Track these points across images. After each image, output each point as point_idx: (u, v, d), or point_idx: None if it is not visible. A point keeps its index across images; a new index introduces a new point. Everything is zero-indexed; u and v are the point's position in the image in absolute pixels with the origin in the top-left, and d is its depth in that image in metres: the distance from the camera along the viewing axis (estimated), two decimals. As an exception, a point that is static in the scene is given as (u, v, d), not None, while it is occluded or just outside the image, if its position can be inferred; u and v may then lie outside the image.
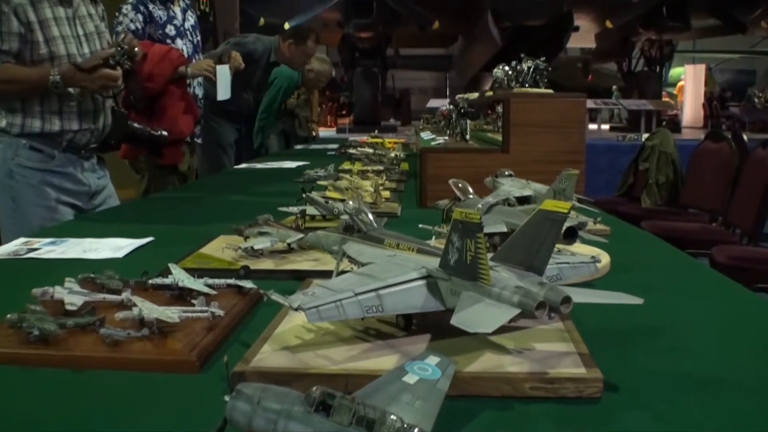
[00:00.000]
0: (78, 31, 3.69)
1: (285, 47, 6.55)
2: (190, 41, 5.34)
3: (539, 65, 3.82)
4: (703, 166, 6.92)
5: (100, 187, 3.94)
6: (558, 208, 1.30)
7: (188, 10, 5.44)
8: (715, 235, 5.95)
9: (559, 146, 3.33)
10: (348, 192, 3.23)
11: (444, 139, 4.49)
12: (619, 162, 9.98)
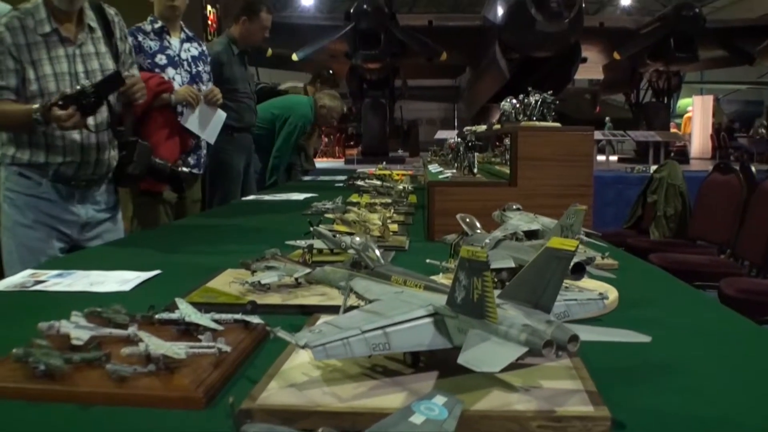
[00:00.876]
0: (77, 68, 3.74)
1: (240, 26, 6.55)
2: (187, 71, 5.28)
3: (547, 98, 3.83)
4: (711, 198, 6.91)
5: (95, 219, 3.95)
6: (565, 245, 1.30)
7: (193, 41, 5.43)
8: (723, 268, 5.92)
9: (567, 180, 3.33)
10: (356, 225, 3.23)
11: (452, 172, 4.50)
12: (627, 194, 9.99)
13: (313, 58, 20.26)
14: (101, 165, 3.89)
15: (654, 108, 22.73)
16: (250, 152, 6.69)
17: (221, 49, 6.33)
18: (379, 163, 8.97)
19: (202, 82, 5.39)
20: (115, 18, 4.04)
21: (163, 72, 5.12)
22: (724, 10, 37.12)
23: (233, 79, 6.37)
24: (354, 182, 6.06)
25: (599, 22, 22.56)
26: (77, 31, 3.77)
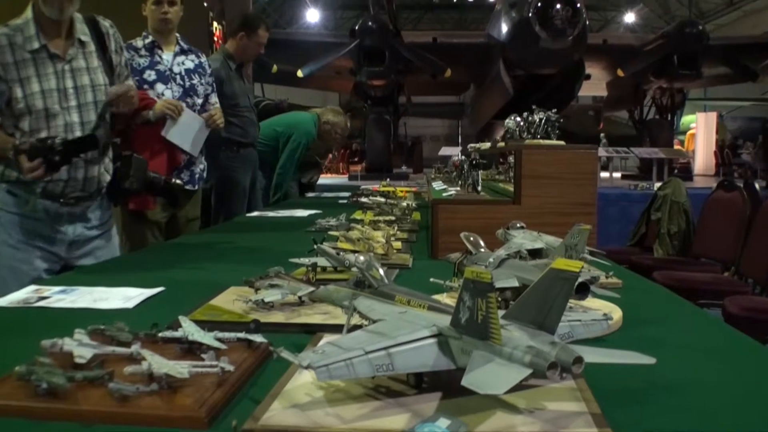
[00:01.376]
0: (66, 84, 3.67)
1: (237, 42, 6.52)
2: (180, 85, 5.17)
3: (551, 117, 3.84)
4: (715, 216, 6.90)
5: (84, 236, 3.85)
6: (569, 267, 1.30)
7: (189, 53, 5.34)
8: (727, 286, 5.91)
9: (571, 198, 3.32)
10: (359, 243, 3.23)
11: (456, 189, 4.49)
12: (631, 211, 10.00)
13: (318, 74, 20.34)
14: (90, 182, 3.80)
15: (657, 125, 22.78)
16: (255, 168, 6.68)
17: (219, 66, 6.31)
18: (383, 179, 8.98)
19: (196, 95, 5.27)
20: (110, 30, 3.97)
21: (152, 88, 5.05)
22: (728, 27, 37.24)
23: (234, 95, 6.37)
24: (358, 199, 6.06)
25: (603, 39, 22.62)
26: (67, 46, 3.70)
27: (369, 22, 18.89)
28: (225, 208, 6.31)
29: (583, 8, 17.79)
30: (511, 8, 19.51)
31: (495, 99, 21.25)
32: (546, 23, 17.19)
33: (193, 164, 5.28)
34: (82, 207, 3.83)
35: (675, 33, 20.07)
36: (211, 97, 5.45)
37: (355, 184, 13.40)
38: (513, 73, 19.93)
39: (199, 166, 5.34)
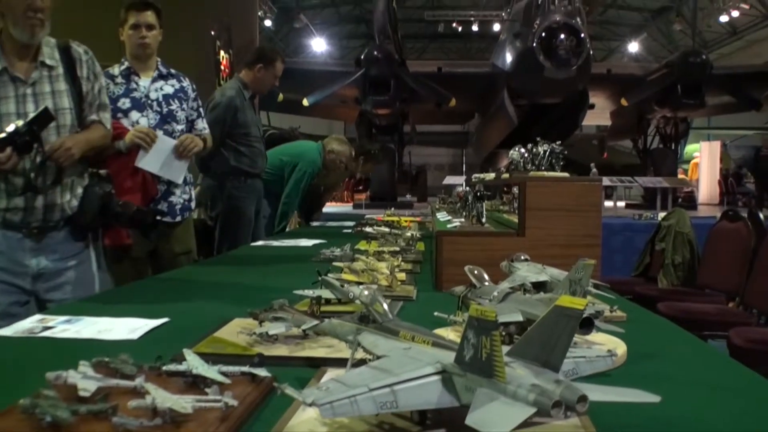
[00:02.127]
0: (27, 109, 3.57)
1: (254, 73, 6.54)
2: (157, 112, 4.99)
3: (555, 149, 3.85)
4: (719, 246, 6.90)
5: (50, 269, 3.71)
6: (574, 304, 1.30)
7: (170, 78, 5.17)
8: (732, 317, 5.90)
9: (576, 230, 3.33)
10: (364, 275, 3.23)
11: (460, 221, 4.50)
12: (635, 241, 10.00)
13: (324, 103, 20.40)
14: (51, 210, 3.68)
15: (661, 154, 22.81)
16: (260, 198, 6.69)
17: (235, 94, 6.34)
18: (388, 208, 8.99)
19: (175, 121, 5.07)
20: (83, 56, 3.85)
21: (126, 116, 4.89)
22: (731, 56, 37.35)
23: (246, 124, 6.39)
24: (362, 229, 6.06)
25: (607, 68, 22.69)
26: (30, 69, 3.64)
27: (374, 51, 18.96)
28: (229, 237, 6.31)
29: (587, 38, 17.87)
30: (515, 38, 19.61)
31: (499, 128, 21.31)
32: (550, 53, 17.25)
33: (172, 194, 5.10)
34: (47, 238, 3.71)
35: (678, 62, 20.13)
36: (197, 122, 5.29)
37: (360, 213, 13.42)
38: (517, 102, 20.00)
39: (181, 196, 5.16)
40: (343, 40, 46.50)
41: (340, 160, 8.08)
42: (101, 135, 3.95)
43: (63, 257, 3.78)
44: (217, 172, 6.28)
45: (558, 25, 17.38)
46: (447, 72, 21.77)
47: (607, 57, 45.66)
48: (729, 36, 39.02)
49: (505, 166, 5.36)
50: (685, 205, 19.78)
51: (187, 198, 5.24)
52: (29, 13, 3.51)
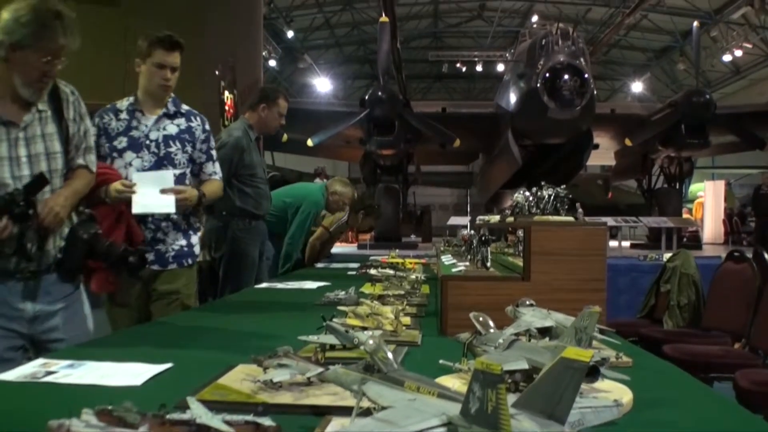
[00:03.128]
0: (19, 153, 3.53)
1: (258, 113, 6.52)
2: (153, 153, 4.73)
3: (560, 193, 3.85)
4: (725, 288, 6.88)
5: (45, 311, 3.65)
6: (580, 356, 1.30)
7: (177, 117, 4.88)
8: (738, 359, 5.87)
9: (581, 274, 3.32)
10: (369, 319, 3.22)
11: (465, 265, 4.49)
12: (640, 281, 9.98)
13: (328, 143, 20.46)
14: (46, 255, 3.63)
15: (666, 194, 22.80)
16: (264, 240, 6.69)
17: (241, 135, 6.34)
18: (392, 248, 8.99)
19: (172, 164, 4.76)
20: (69, 97, 3.77)
21: (121, 156, 4.69)
22: (735, 96, 37.50)
23: (252, 165, 6.38)
24: (367, 271, 6.05)
25: (611, 108, 22.76)
26: (22, 113, 3.58)
27: (379, 92, 19.00)
28: (233, 280, 6.28)
29: (591, 78, 17.93)
30: (519, 78, 19.68)
31: (504, 169, 21.33)
32: (554, 94, 17.31)
33: (161, 242, 4.78)
34: (40, 281, 3.65)
35: (682, 102, 20.15)
36: (206, 165, 5.00)
37: (365, 253, 13.41)
38: (522, 142, 20.03)
39: (175, 242, 4.85)
40: (348, 80, 46.76)
41: (343, 202, 8.12)
42: (87, 182, 3.88)
43: (56, 299, 3.73)
44: (222, 213, 6.27)
45: (562, 66, 17.44)
46: (451, 112, 21.83)
47: (611, 97, 45.86)
48: (732, 75, 39.18)
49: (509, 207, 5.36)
50: (690, 244, 19.76)
51: (184, 245, 4.89)
52: (44, 79, 3.54)
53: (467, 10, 40.62)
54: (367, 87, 25.90)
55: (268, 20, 30.75)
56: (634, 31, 38.49)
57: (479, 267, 4.10)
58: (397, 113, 18.85)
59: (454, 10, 40.72)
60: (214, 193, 5.05)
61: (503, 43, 39.01)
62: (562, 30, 18.76)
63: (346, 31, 41.49)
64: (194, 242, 4.99)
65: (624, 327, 6.76)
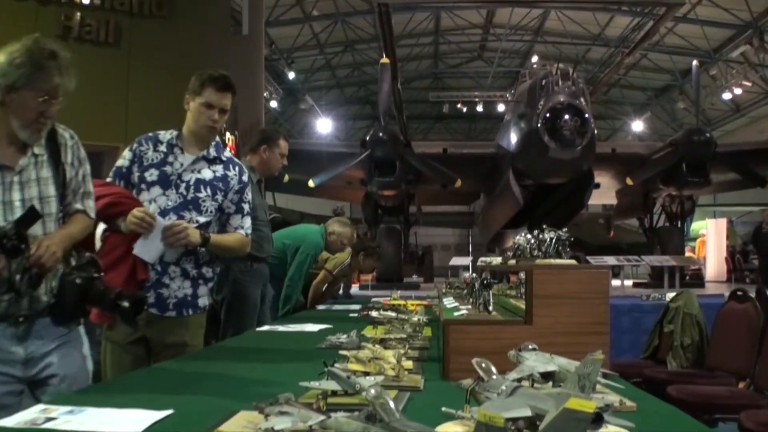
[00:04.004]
0: (13, 197, 3.47)
1: (259, 156, 6.50)
2: (181, 195, 4.55)
3: (561, 236, 3.85)
4: (728, 327, 6.88)
5: (39, 353, 3.54)
6: (583, 407, 1.29)
7: (215, 163, 4.71)
8: (743, 399, 5.85)
9: (583, 318, 3.32)
10: (370, 364, 3.21)
11: (467, 308, 4.48)
12: (643, 322, 9.98)
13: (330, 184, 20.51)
14: (38, 300, 3.54)
15: (668, 232, 22.80)
16: (266, 283, 6.68)
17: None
18: (394, 289, 9.00)
19: (197, 210, 4.57)
20: (68, 142, 3.70)
21: (148, 190, 4.52)
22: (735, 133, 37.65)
23: (253, 208, 6.40)
24: (368, 313, 6.04)
25: (611, 148, 22.81)
26: (18, 157, 3.53)
27: (380, 132, 19.04)
28: (234, 322, 6.27)
29: (592, 118, 17.97)
30: (520, 119, 19.75)
31: (505, 209, 21.36)
32: (555, 134, 17.33)
33: (165, 286, 4.54)
34: (34, 324, 3.56)
35: (683, 141, 20.18)
36: (233, 218, 4.78)
37: (367, 294, 13.41)
38: (523, 182, 20.07)
39: (180, 290, 4.60)
40: (349, 120, 46.98)
41: (342, 242, 8.14)
42: (84, 227, 3.78)
43: (50, 341, 3.62)
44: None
45: (562, 106, 17.48)
46: (452, 153, 21.89)
47: (611, 136, 46.02)
48: (732, 113, 39.33)
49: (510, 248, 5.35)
50: (693, 282, 19.75)
51: (189, 294, 4.63)
52: (41, 119, 3.50)
53: (467, 51, 40.92)
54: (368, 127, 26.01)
55: (270, 61, 30.97)
56: (634, 71, 38.72)
57: (481, 311, 4.08)
58: (398, 154, 18.91)
59: (454, 51, 41.01)
60: (231, 246, 4.81)
61: (504, 84, 39.31)
62: (562, 70, 18.83)
63: (347, 72, 41.75)
64: (201, 293, 4.71)
65: (627, 368, 6.75)
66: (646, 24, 29.36)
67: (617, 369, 3.35)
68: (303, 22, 32.50)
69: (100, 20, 10.15)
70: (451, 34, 38.35)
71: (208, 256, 4.67)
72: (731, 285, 20.21)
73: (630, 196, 23.46)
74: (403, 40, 34.15)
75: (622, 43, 33.31)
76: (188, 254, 4.57)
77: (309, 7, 31.23)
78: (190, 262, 4.60)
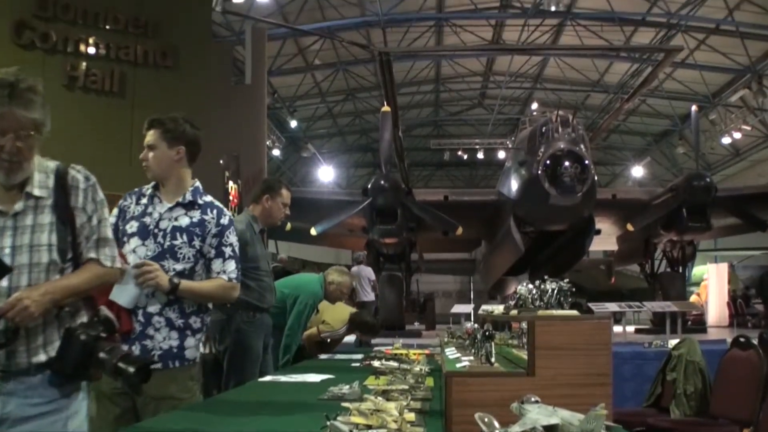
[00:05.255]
0: (3, 243, 3.26)
1: (261, 205, 6.58)
2: (158, 244, 4.44)
3: (563, 287, 3.86)
4: (731, 375, 6.86)
5: (18, 415, 3.24)
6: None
7: (193, 208, 4.59)
8: (747, 448, 5.84)
9: (586, 369, 3.32)
10: (373, 417, 3.20)
11: (469, 359, 4.48)
12: (645, 369, 9.93)
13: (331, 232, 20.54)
14: (14, 356, 3.27)
15: (669, 278, 22.76)
16: (268, 333, 6.69)
17: (244, 228, 6.36)
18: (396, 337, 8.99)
19: (174, 258, 4.45)
20: (80, 184, 3.47)
21: (128, 242, 4.47)
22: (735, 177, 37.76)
23: (255, 258, 6.40)
24: (371, 363, 6.03)
25: (612, 194, 22.87)
26: (14, 201, 3.32)
27: (381, 180, 19.10)
28: (237, 373, 6.27)
29: (592, 165, 18.03)
30: (520, 166, 19.82)
31: (506, 256, 21.36)
32: (555, 180, 17.37)
33: (149, 338, 4.36)
34: (15, 382, 3.27)
35: (683, 186, 20.23)
36: (215, 262, 4.61)
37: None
38: (524, 229, 20.10)
39: (165, 341, 4.42)
40: (350, 168, 47.14)
41: (342, 291, 8.17)
42: (93, 277, 3.48)
43: (34, 406, 3.29)
44: (225, 306, 6.28)
45: (562, 153, 17.54)
46: (454, 200, 21.94)
47: (611, 182, 46.10)
48: (732, 157, 39.40)
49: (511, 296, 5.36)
50: (695, 328, 19.69)
51: (175, 345, 4.44)
52: (4, 156, 3.22)
53: (468, 99, 41.15)
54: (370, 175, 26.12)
55: (272, 110, 31.20)
56: (634, 116, 38.93)
57: (483, 362, 4.08)
58: (400, 202, 18.97)
59: (455, 98, 41.24)
60: (210, 293, 4.63)
61: (504, 131, 39.51)
62: (561, 117, 18.93)
63: (349, 120, 41.95)
64: (189, 344, 4.50)
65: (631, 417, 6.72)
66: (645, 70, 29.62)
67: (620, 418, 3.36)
68: (305, 71, 32.73)
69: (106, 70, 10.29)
70: (451, 81, 38.62)
71: (195, 306, 4.52)
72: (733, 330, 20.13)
73: (631, 241, 23.47)
74: (404, 88, 34.40)
75: (621, 89, 33.55)
76: (172, 303, 4.42)
77: (311, 57, 31.44)
78: (174, 311, 4.43)
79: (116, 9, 9.57)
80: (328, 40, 28.97)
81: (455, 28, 30.00)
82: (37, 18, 9.03)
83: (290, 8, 26.23)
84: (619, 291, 27.16)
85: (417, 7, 28.09)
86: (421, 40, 30.68)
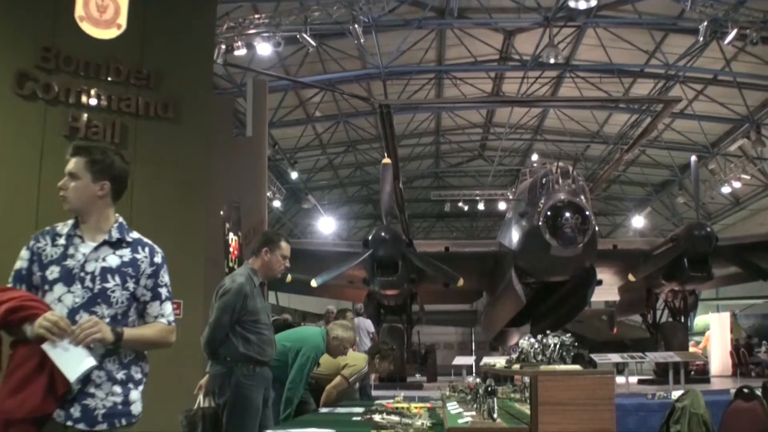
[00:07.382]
0: None
1: (261, 259, 6.58)
2: (87, 288, 3.92)
3: (565, 341, 3.85)
4: (735, 427, 6.83)
5: None
6: None
7: (121, 246, 4.12)
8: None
9: (588, 424, 3.31)
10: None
11: (471, 414, 4.45)
12: (649, 421, 9.89)
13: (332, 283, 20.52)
14: None
15: (671, 327, 22.71)
16: (269, 386, 6.66)
17: (245, 281, 6.38)
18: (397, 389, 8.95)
19: (107, 303, 3.96)
20: None
21: (51, 289, 3.92)
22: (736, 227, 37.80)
23: (255, 311, 6.40)
24: (372, 417, 5.99)
25: (613, 244, 22.86)
26: None
27: (382, 232, 19.16)
28: (236, 427, 6.24)
29: (592, 215, 18.04)
30: (521, 217, 19.83)
31: (507, 307, 21.30)
32: (556, 231, 17.36)
33: (90, 396, 3.85)
34: None
35: (684, 236, 20.25)
36: (151, 306, 4.14)
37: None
38: (525, 280, 20.08)
39: (108, 397, 3.91)
40: (351, 219, 47.14)
41: (344, 347, 8.15)
42: None
43: None
44: (225, 359, 6.27)
45: (563, 204, 17.55)
46: (454, 252, 21.98)
47: (612, 232, 46.10)
48: (732, 206, 39.40)
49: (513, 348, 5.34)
50: (698, 378, 19.60)
51: (119, 401, 3.94)
52: None
53: (468, 150, 41.23)
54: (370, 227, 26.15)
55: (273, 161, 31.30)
56: (633, 167, 38.97)
57: (485, 418, 4.06)
58: (400, 253, 19.00)
59: (455, 150, 41.31)
60: (151, 339, 4.14)
61: (504, 182, 39.59)
62: (561, 168, 18.99)
63: (349, 171, 41.99)
64: (134, 398, 4.04)
65: (635, 472, 6.66)
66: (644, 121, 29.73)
67: (625, 473, 3.33)
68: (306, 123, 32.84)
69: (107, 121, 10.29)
70: (451, 133, 38.69)
71: (133, 354, 4.05)
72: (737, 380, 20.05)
73: (632, 292, 23.43)
74: (404, 139, 34.50)
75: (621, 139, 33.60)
76: (110, 354, 3.93)
77: (312, 108, 31.58)
78: (114, 363, 3.96)
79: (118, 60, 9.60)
80: (329, 92, 29.10)
81: (455, 81, 30.15)
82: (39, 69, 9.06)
83: (291, 61, 26.37)
84: (621, 341, 27.06)
85: (417, 59, 28.25)
86: (421, 92, 30.81)
